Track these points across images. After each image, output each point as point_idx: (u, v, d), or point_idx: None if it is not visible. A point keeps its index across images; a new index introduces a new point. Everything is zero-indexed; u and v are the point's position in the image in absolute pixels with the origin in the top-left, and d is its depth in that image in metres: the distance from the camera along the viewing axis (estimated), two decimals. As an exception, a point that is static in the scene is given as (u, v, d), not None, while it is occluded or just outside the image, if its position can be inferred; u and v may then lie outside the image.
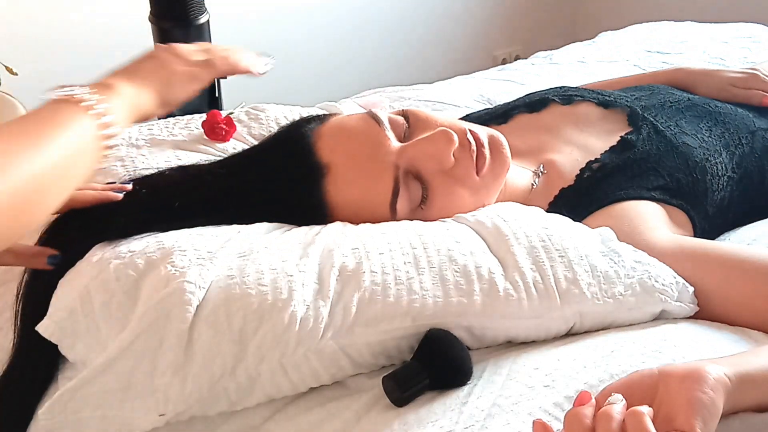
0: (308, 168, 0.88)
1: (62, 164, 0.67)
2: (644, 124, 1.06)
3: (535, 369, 0.73)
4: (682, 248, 0.86)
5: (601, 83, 1.36)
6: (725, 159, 1.04)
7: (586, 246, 0.82)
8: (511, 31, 3.10)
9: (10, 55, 1.89)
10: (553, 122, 1.11)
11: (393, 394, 0.72)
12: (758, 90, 1.18)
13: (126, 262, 0.77)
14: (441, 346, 0.74)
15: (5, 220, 0.61)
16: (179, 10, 1.41)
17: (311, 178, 0.88)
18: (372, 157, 0.88)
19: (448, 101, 1.49)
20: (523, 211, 0.88)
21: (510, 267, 0.79)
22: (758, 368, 0.61)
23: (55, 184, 0.67)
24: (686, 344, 0.75)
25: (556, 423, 0.65)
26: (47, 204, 0.67)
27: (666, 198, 0.97)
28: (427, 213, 0.90)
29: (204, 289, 0.74)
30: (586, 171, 1.01)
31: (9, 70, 1.84)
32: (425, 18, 2.87)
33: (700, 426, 0.53)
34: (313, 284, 0.75)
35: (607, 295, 0.78)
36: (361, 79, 2.59)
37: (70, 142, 0.68)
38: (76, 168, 0.69)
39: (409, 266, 0.77)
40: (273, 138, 0.96)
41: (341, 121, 0.92)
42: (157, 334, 0.72)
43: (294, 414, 0.75)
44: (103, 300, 0.75)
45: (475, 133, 0.92)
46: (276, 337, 0.72)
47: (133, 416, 0.73)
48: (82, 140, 0.70)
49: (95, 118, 0.71)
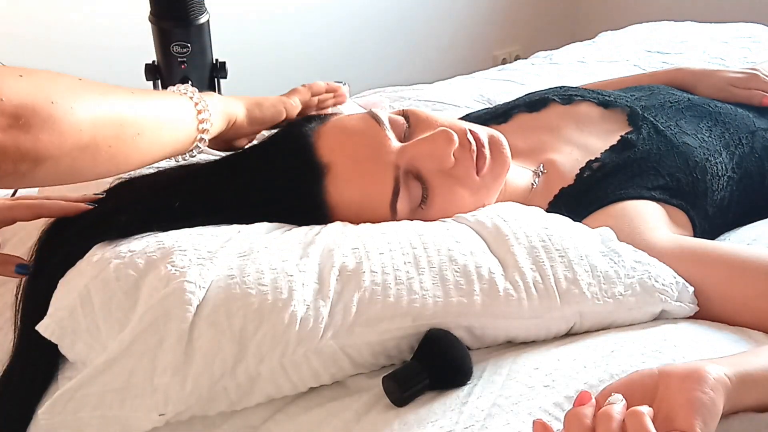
0: (308, 168, 0.88)
1: (158, 119, 0.79)
2: (644, 124, 1.06)
3: (535, 369, 0.73)
4: (682, 248, 0.86)
5: (601, 83, 1.36)
6: (725, 159, 1.04)
7: (586, 246, 0.82)
8: (511, 31, 3.10)
9: (10, 55, 1.89)
10: (553, 122, 1.11)
11: (393, 394, 0.72)
12: (758, 90, 1.18)
13: (126, 261, 0.77)
14: (441, 346, 0.74)
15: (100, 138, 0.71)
16: (179, 10, 1.41)
17: (311, 178, 0.88)
18: (372, 157, 0.88)
19: (448, 101, 1.49)
20: (523, 211, 0.88)
21: (510, 267, 0.79)
22: (758, 368, 0.61)
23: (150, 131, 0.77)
24: (686, 344, 0.75)
25: (556, 423, 0.65)
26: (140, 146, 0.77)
27: (666, 198, 0.97)
28: (428, 213, 0.90)
29: (204, 288, 0.74)
30: (586, 170, 1.01)
31: (9, 69, 1.84)
32: (425, 18, 2.87)
33: (700, 426, 0.53)
34: (313, 284, 0.75)
35: (607, 295, 0.78)
36: (361, 79, 2.59)
37: (169, 108, 0.82)
38: (170, 131, 0.81)
39: (409, 266, 0.77)
40: (273, 137, 0.96)
41: (341, 121, 0.92)
42: (157, 333, 0.72)
43: (294, 414, 0.75)
44: (103, 300, 0.75)
45: (475, 133, 0.92)
46: (276, 337, 0.72)
47: (133, 416, 0.73)
48: (179, 113, 0.83)
49: (194, 104, 0.85)
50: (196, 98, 0.85)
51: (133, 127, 0.75)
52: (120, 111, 0.74)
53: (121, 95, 0.76)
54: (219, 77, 1.52)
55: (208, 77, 1.51)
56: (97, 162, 0.73)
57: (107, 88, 0.75)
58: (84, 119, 0.69)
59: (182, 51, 1.42)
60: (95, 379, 0.73)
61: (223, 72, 1.52)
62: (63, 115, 0.67)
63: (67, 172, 0.71)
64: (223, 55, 1.53)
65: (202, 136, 0.86)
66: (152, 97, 0.82)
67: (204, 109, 0.85)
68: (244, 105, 0.95)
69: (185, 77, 1.46)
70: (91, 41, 2.16)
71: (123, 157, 0.76)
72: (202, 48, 1.46)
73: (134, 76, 1.56)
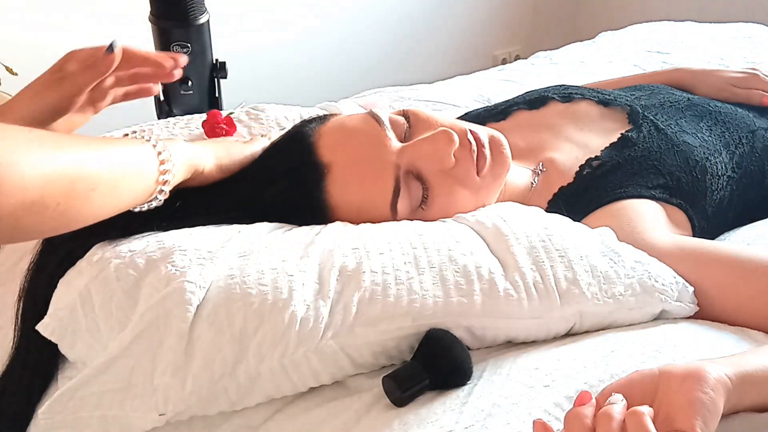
0: (309, 168, 0.88)
1: (115, 173, 0.72)
2: (645, 123, 1.06)
3: (535, 369, 0.73)
4: (682, 248, 0.86)
5: (601, 83, 1.36)
6: (725, 158, 1.04)
7: (586, 246, 0.82)
8: (511, 31, 3.10)
9: (10, 55, 1.89)
10: (552, 120, 1.11)
11: (393, 394, 0.72)
12: (758, 89, 1.18)
13: (126, 261, 0.77)
14: (441, 346, 0.74)
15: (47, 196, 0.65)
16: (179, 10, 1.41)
17: (312, 178, 0.88)
18: (373, 157, 0.88)
19: (448, 101, 1.49)
20: (523, 211, 0.88)
21: (510, 267, 0.79)
22: (759, 368, 0.61)
23: (105, 186, 0.71)
24: (686, 344, 0.75)
25: (556, 423, 0.65)
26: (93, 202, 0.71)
27: (666, 197, 0.97)
28: (428, 213, 0.90)
29: (204, 288, 0.74)
30: (586, 168, 1.01)
31: (9, 70, 1.84)
32: (425, 18, 2.87)
33: (700, 426, 0.53)
34: (313, 284, 0.75)
35: (607, 295, 0.78)
36: (361, 79, 2.59)
37: (128, 159, 0.74)
38: (128, 184, 0.75)
39: (409, 266, 0.77)
40: (274, 140, 0.96)
41: (342, 121, 0.92)
42: (157, 333, 0.72)
43: (294, 414, 0.75)
44: (103, 299, 0.75)
45: (475, 133, 0.92)
46: (276, 337, 0.72)
47: (133, 416, 0.73)
48: (140, 164, 0.76)
49: (155, 152, 0.77)
50: (159, 146, 0.78)
51: (87, 182, 0.69)
52: (73, 166, 0.68)
53: (77, 147, 0.69)
54: (219, 77, 1.53)
55: (208, 77, 1.52)
56: (44, 220, 0.68)
57: (62, 140, 0.69)
58: (31, 177, 0.63)
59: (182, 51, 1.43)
60: (95, 378, 0.73)
61: (223, 72, 1.52)
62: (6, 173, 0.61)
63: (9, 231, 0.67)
64: (223, 55, 1.53)
65: (162, 188, 0.78)
66: (112, 147, 0.73)
67: (167, 159, 0.78)
68: (213, 154, 0.88)
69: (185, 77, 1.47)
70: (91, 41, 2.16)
71: (73, 215, 0.70)
72: (202, 48, 1.46)
73: (134, 76, 1.56)
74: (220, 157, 0.88)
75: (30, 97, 0.86)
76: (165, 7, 1.43)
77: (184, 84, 1.47)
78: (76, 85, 0.86)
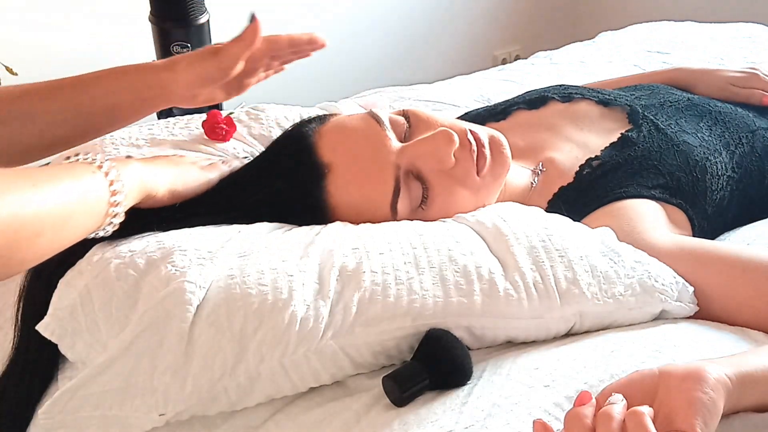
0: (309, 168, 0.88)
1: (62, 212, 0.68)
2: (645, 122, 1.06)
3: (535, 369, 0.73)
4: (682, 248, 0.86)
5: (600, 83, 1.36)
6: (725, 158, 1.04)
7: (586, 246, 0.82)
8: (511, 31, 3.09)
9: (10, 55, 1.89)
10: (552, 120, 1.11)
11: (393, 394, 0.72)
12: (758, 89, 1.18)
13: (126, 261, 0.77)
14: (441, 346, 0.74)
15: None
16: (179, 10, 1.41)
17: (312, 178, 0.88)
18: (373, 157, 0.88)
19: (448, 101, 1.49)
20: (523, 211, 0.88)
21: (510, 267, 0.79)
22: (759, 368, 0.61)
23: (50, 230, 0.66)
24: (686, 344, 0.75)
25: (556, 423, 0.65)
26: (37, 247, 0.66)
27: (666, 197, 0.97)
28: (428, 213, 0.90)
29: (204, 288, 0.74)
30: (586, 168, 1.01)
31: (9, 70, 1.84)
32: (425, 18, 2.87)
33: (700, 426, 0.53)
34: (313, 284, 0.75)
35: (607, 295, 0.78)
36: (361, 79, 2.59)
37: (77, 195, 0.70)
38: (76, 221, 0.70)
39: (409, 266, 0.77)
40: (275, 140, 0.96)
41: (342, 121, 0.92)
42: (158, 333, 0.72)
43: (294, 414, 0.75)
44: (103, 299, 0.75)
45: (475, 133, 0.92)
46: (276, 337, 0.72)
47: (132, 416, 0.73)
48: (89, 198, 0.71)
49: (108, 183, 0.72)
50: (112, 174, 0.73)
51: (32, 229, 0.64)
52: (16, 215, 0.62)
53: (19, 191, 0.63)
54: None
55: (208, 77, 1.51)
56: None
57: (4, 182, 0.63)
58: None
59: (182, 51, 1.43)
60: (95, 378, 0.73)
61: (223, 72, 1.52)
62: None
63: None
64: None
65: (113, 220, 0.74)
66: (58, 184, 0.68)
67: (119, 190, 0.73)
68: (167, 179, 0.84)
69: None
70: (91, 41, 2.16)
71: (17, 262, 0.66)
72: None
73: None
74: (174, 183, 0.84)
75: (186, 65, 0.89)
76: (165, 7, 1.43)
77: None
78: (229, 57, 0.88)
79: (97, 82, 0.88)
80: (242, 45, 0.89)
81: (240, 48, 0.89)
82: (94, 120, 0.89)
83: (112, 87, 0.88)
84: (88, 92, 0.87)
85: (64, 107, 0.87)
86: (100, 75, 0.89)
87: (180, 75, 0.88)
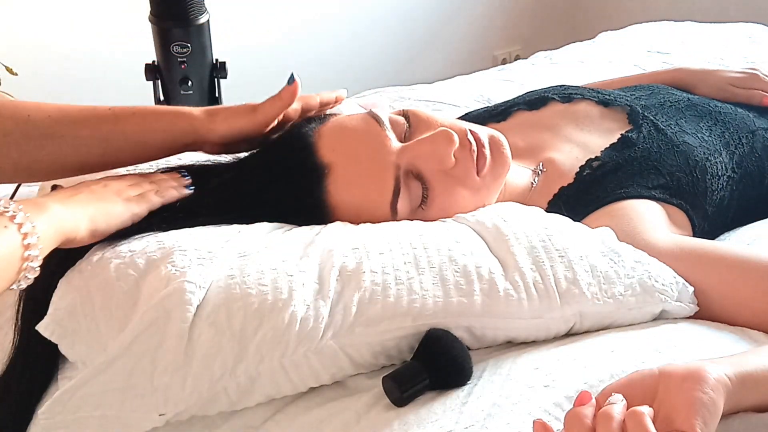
0: (309, 168, 0.88)
1: None
2: (645, 123, 1.06)
3: (535, 369, 0.73)
4: (682, 248, 0.86)
5: (600, 83, 1.36)
6: (725, 159, 1.04)
7: (586, 246, 0.82)
8: (511, 31, 3.09)
9: (10, 55, 1.89)
10: (552, 120, 1.11)
11: (393, 394, 0.72)
12: (758, 90, 1.18)
13: (126, 261, 0.77)
14: (441, 346, 0.74)
15: None
16: (179, 10, 1.41)
17: (312, 179, 0.88)
18: (373, 157, 0.88)
19: (448, 101, 1.49)
20: (523, 212, 0.88)
21: (510, 267, 0.79)
22: (759, 368, 0.61)
23: None
24: (686, 344, 0.75)
25: (556, 423, 0.65)
26: None
27: (666, 197, 0.97)
28: (428, 213, 0.90)
29: (204, 288, 0.74)
30: (586, 169, 1.01)
31: (9, 70, 1.84)
32: (425, 18, 2.87)
33: (700, 426, 0.53)
34: (313, 284, 0.75)
35: (607, 295, 0.78)
36: (361, 79, 2.59)
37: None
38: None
39: (409, 266, 0.77)
40: (274, 139, 0.96)
41: (342, 121, 0.92)
42: (158, 333, 0.72)
43: (294, 414, 0.75)
44: (103, 299, 0.75)
45: (475, 133, 0.92)
46: (276, 337, 0.72)
47: (133, 416, 0.73)
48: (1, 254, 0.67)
49: (21, 237, 0.68)
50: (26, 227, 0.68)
51: None
52: None
53: None
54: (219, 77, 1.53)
55: (208, 77, 1.52)
56: None
57: None
58: None
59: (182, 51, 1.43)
60: (95, 378, 0.73)
61: (223, 72, 1.52)
62: None
63: None
64: (223, 55, 1.53)
65: (27, 275, 0.69)
66: None
67: (33, 243, 0.69)
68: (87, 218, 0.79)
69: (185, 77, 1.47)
70: (91, 41, 2.16)
71: None
72: (202, 48, 1.46)
73: (134, 76, 1.56)
74: (94, 221, 0.79)
75: (223, 119, 0.90)
76: (165, 7, 1.43)
77: (185, 84, 1.47)
78: (265, 115, 0.90)
79: (131, 118, 0.87)
80: (280, 105, 0.90)
81: (278, 109, 0.90)
82: (120, 153, 0.88)
83: (147, 126, 0.88)
84: (120, 126, 0.87)
85: (93, 135, 0.86)
86: (136, 112, 0.88)
87: (217, 127, 0.89)
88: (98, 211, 0.80)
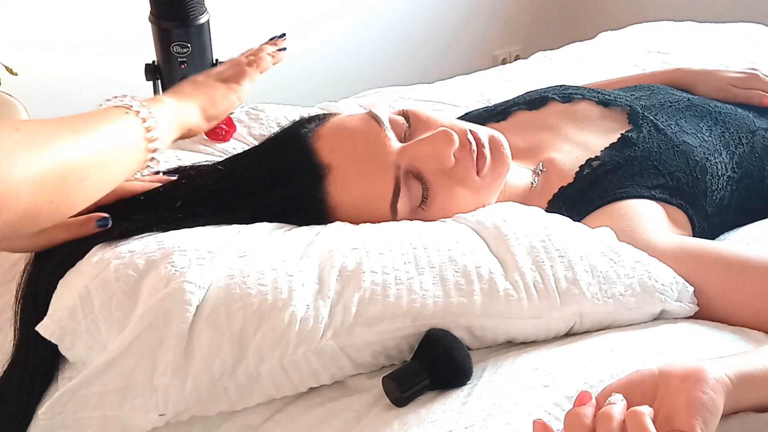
0: (309, 168, 0.88)
1: (104, 156, 0.72)
2: (645, 123, 1.06)
3: (535, 369, 0.73)
4: (682, 248, 0.86)
5: (601, 83, 1.36)
6: (725, 159, 1.04)
7: (586, 246, 0.82)
8: (511, 31, 3.10)
9: (10, 55, 1.89)
10: (552, 120, 1.11)
11: (393, 394, 0.72)
12: (758, 90, 1.18)
13: (126, 262, 0.77)
14: (441, 346, 0.74)
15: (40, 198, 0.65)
16: (179, 10, 1.41)
17: (312, 179, 0.88)
18: (373, 157, 0.88)
19: (448, 101, 1.49)
20: (523, 211, 0.88)
21: (510, 267, 0.79)
22: (759, 368, 0.61)
23: (95, 173, 0.71)
24: (686, 344, 0.75)
25: (556, 423, 0.65)
26: (85, 191, 0.71)
27: (666, 197, 0.97)
28: (428, 213, 0.90)
29: (204, 289, 0.74)
30: (586, 168, 1.01)
31: (9, 70, 1.84)
32: (425, 18, 2.87)
33: (700, 426, 0.53)
34: (313, 284, 0.75)
35: (607, 295, 0.78)
36: (361, 79, 2.59)
37: (115, 137, 0.74)
38: (118, 163, 0.75)
39: (409, 266, 0.77)
40: (273, 138, 0.96)
41: (341, 122, 0.92)
42: (157, 334, 0.72)
43: (294, 414, 0.75)
44: (103, 300, 0.75)
45: (475, 133, 0.92)
46: (276, 337, 0.72)
47: (132, 416, 0.73)
48: (127, 139, 0.76)
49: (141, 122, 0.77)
50: (143, 113, 0.77)
51: (78, 174, 0.68)
52: (62, 162, 0.66)
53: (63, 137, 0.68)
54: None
55: (208, 77, 1.51)
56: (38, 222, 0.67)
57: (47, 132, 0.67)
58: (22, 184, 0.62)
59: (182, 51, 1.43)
60: (95, 379, 0.73)
61: (223, 72, 1.52)
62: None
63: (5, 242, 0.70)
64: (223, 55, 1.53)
65: (154, 156, 0.79)
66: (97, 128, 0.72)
67: (153, 126, 0.78)
68: (197, 105, 0.90)
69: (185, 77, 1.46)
70: (91, 41, 2.16)
71: (67, 208, 0.70)
72: (202, 48, 1.46)
73: (134, 76, 1.56)
74: (206, 108, 0.90)
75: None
76: (165, 7, 1.42)
77: (185, 84, 1.47)
78: None
79: None
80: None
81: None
82: None
83: None
84: None
85: None
86: None
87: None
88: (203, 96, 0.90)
